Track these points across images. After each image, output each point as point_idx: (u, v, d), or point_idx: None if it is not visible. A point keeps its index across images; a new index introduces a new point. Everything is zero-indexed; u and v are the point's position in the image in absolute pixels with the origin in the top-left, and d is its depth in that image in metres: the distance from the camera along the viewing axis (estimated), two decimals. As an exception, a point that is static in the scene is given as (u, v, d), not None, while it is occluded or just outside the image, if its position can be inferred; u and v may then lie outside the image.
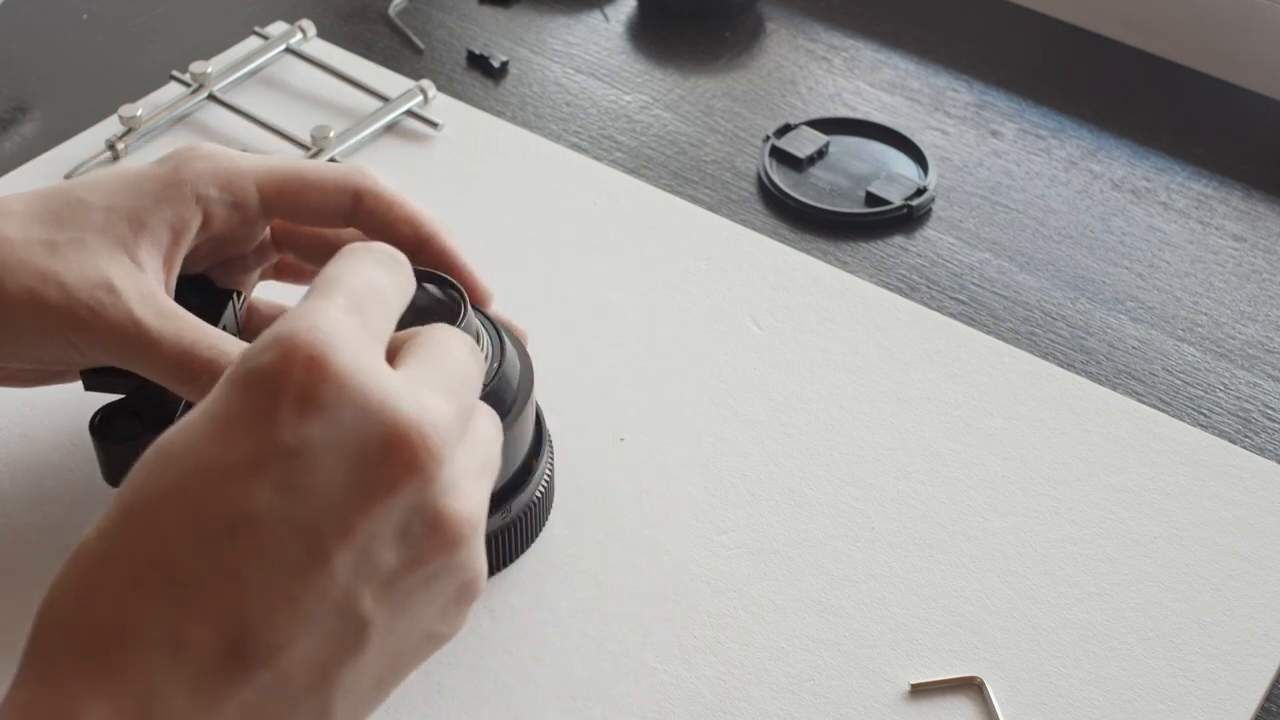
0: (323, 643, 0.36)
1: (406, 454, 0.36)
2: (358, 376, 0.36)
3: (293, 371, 0.36)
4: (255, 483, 0.35)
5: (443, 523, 0.38)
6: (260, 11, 0.87)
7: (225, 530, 0.35)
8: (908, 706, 0.54)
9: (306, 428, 0.36)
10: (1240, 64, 0.85)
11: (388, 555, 0.37)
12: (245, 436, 0.36)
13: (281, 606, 0.35)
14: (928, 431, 0.64)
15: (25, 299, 0.50)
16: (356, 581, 0.36)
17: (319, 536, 0.35)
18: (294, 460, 0.35)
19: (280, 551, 0.35)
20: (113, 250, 0.52)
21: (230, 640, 0.35)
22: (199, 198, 0.54)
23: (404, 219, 0.55)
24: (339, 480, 0.36)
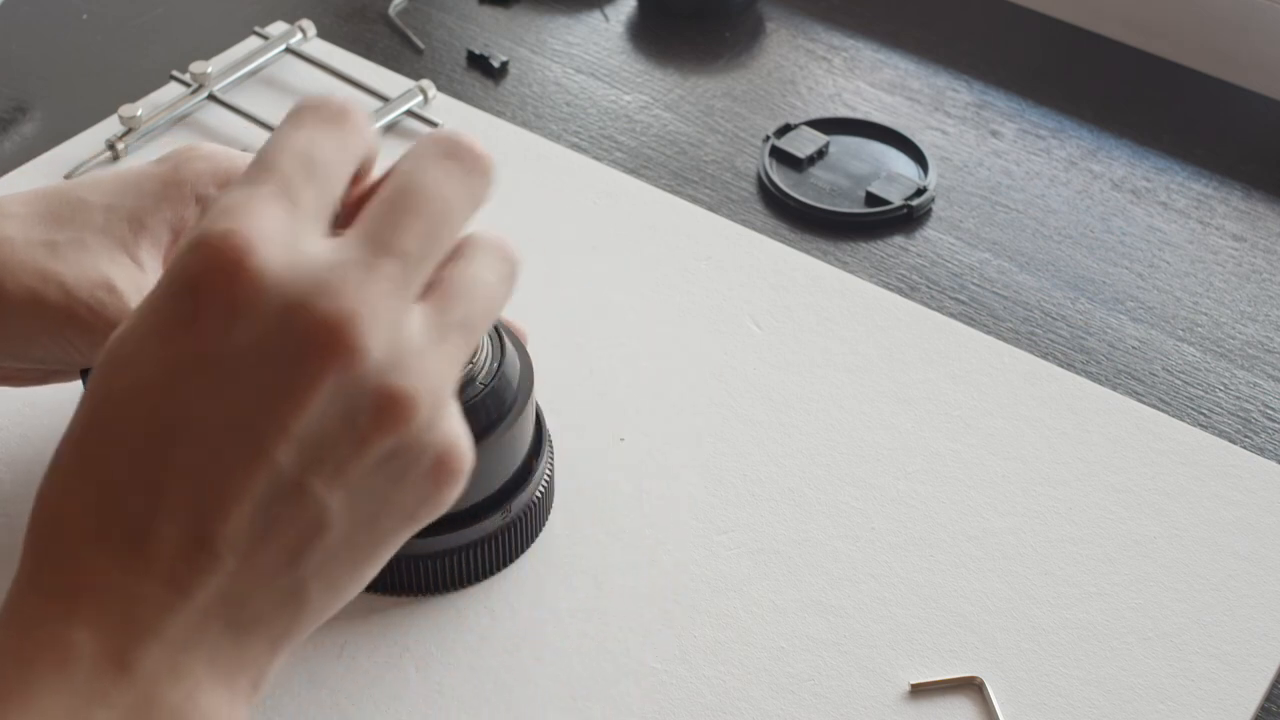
0: (282, 529, 0.37)
1: (322, 347, 0.37)
2: (274, 271, 0.37)
3: (214, 279, 0.37)
4: (189, 387, 0.37)
5: (384, 401, 0.37)
6: (260, 11, 0.87)
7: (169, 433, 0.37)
8: (908, 706, 0.54)
9: (230, 332, 0.37)
10: (1240, 64, 0.85)
11: (334, 442, 0.37)
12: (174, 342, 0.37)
13: (234, 499, 0.37)
14: (928, 431, 0.64)
15: (25, 299, 0.50)
16: (303, 471, 0.37)
17: (256, 432, 0.37)
18: (221, 365, 0.37)
19: (224, 449, 0.37)
20: (113, 250, 0.52)
21: (191, 535, 0.36)
22: (199, 197, 0.54)
23: None
24: (267, 380, 0.37)
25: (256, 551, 0.37)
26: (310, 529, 0.38)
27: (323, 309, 0.37)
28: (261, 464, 0.37)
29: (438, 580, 0.56)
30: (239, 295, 0.37)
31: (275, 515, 0.37)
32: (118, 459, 0.37)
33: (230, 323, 0.37)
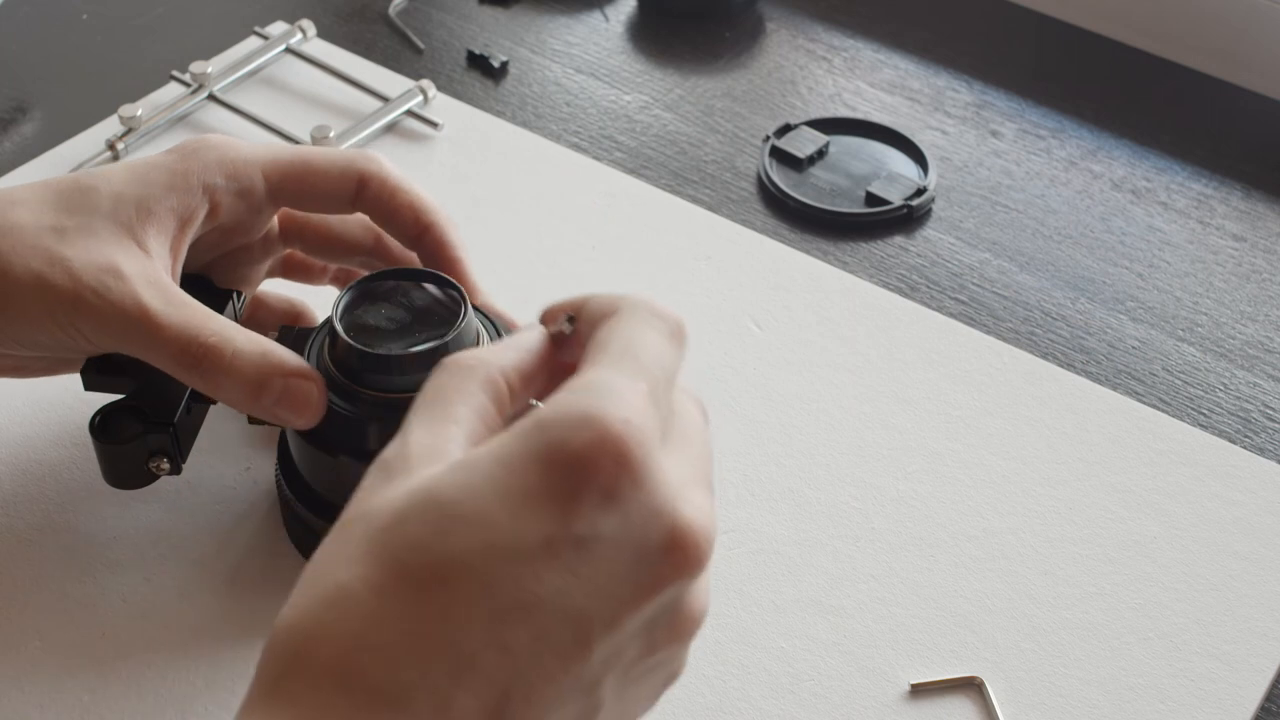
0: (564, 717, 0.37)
1: (680, 558, 0.37)
2: (654, 476, 0.37)
3: (603, 463, 0.36)
4: (546, 567, 0.36)
5: (686, 620, 0.39)
6: (260, 11, 0.87)
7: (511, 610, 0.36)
8: (908, 706, 0.54)
9: (602, 521, 0.36)
10: (1240, 64, 0.85)
11: (633, 645, 0.38)
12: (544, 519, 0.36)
13: (543, 686, 0.36)
14: (928, 431, 0.64)
15: (32, 283, 0.51)
16: (605, 669, 0.37)
17: (590, 625, 0.36)
18: (585, 550, 0.36)
19: (554, 635, 0.36)
20: (120, 236, 0.52)
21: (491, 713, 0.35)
22: (206, 186, 0.54)
23: (407, 205, 0.56)
24: (619, 574, 0.36)
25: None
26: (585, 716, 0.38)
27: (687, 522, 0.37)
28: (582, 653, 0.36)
29: (438, 580, 0.56)
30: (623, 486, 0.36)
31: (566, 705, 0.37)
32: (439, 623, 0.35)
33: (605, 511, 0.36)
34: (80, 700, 0.52)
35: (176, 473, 0.55)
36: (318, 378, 0.51)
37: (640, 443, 0.37)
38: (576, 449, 0.36)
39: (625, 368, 0.39)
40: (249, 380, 0.50)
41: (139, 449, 0.54)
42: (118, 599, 0.56)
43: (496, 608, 0.35)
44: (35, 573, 0.56)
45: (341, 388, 0.52)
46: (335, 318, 0.52)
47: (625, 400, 0.37)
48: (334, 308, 0.52)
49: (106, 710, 0.52)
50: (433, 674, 0.35)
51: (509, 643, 0.35)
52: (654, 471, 0.37)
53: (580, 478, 0.36)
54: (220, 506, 0.59)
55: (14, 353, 0.54)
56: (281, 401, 0.51)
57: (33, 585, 0.56)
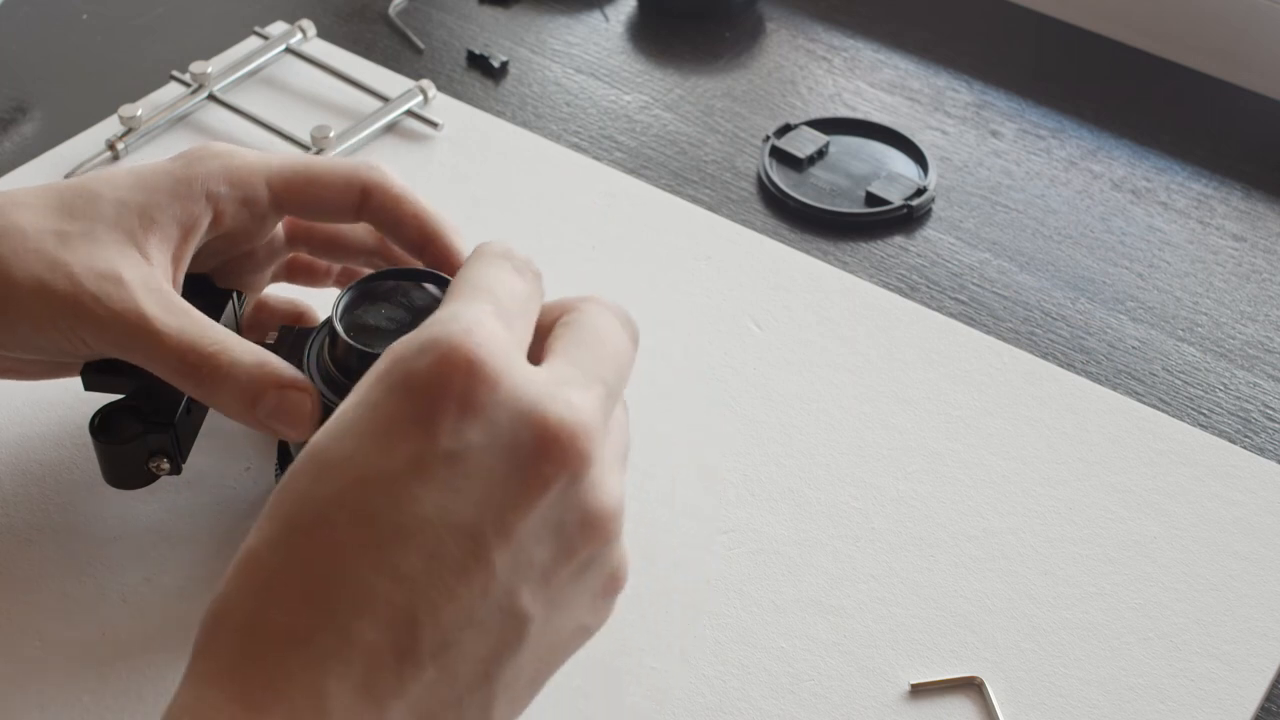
0: (485, 639, 0.37)
1: (556, 453, 0.38)
2: (510, 379, 0.38)
3: (453, 377, 0.37)
4: (420, 487, 0.37)
5: (592, 516, 0.39)
6: (260, 11, 0.87)
7: (394, 535, 0.36)
8: (908, 706, 0.54)
9: (466, 432, 0.37)
10: (1240, 64, 0.85)
11: (543, 551, 0.38)
12: (408, 442, 0.37)
13: (447, 605, 0.36)
14: (928, 431, 0.64)
15: (33, 287, 0.51)
16: (515, 578, 0.37)
17: (481, 536, 0.37)
18: (455, 464, 0.37)
19: (445, 553, 0.36)
20: (122, 243, 0.52)
21: (398, 641, 0.36)
22: (209, 194, 0.54)
23: (410, 214, 0.56)
24: (496, 480, 0.37)
25: (456, 661, 0.37)
26: (510, 640, 0.38)
27: (558, 415, 0.38)
28: (481, 567, 0.37)
29: (438, 580, 0.56)
30: (477, 396, 0.37)
31: (483, 623, 0.37)
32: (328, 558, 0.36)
33: (465, 422, 0.37)
34: (80, 700, 0.52)
35: (176, 473, 0.55)
36: (312, 390, 0.51)
37: (489, 351, 0.38)
38: (425, 370, 0.37)
39: (466, 297, 0.40)
40: (244, 391, 0.51)
41: (139, 449, 0.54)
42: (118, 599, 0.56)
43: (381, 537, 0.36)
44: (35, 573, 0.56)
45: (341, 388, 0.52)
46: (335, 318, 0.52)
47: (467, 318, 0.38)
48: (334, 308, 0.52)
49: (106, 710, 0.52)
50: (333, 612, 0.36)
51: (401, 568, 0.36)
52: (509, 374, 0.38)
53: (435, 395, 0.37)
54: (220, 506, 0.59)
55: (13, 355, 0.54)
56: (275, 413, 0.51)
57: (33, 585, 0.56)
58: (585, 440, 0.38)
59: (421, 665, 0.36)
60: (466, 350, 0.37)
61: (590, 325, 0.43)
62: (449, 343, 0.37)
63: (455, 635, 0.36)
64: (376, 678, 0.36)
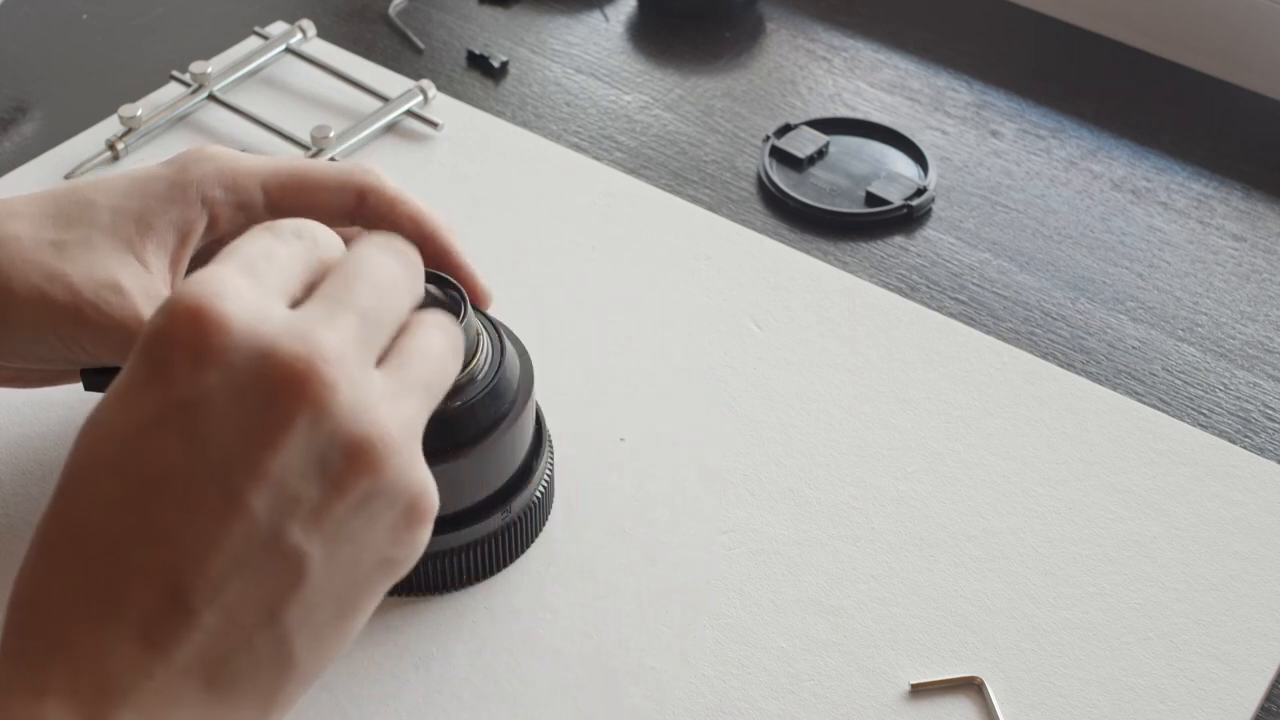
0: (261, 580, 0.37)
1: (295, 386, 0.37)
2: (241, 321, 0.38)
3: (182, 327, 0.37)
4: (162, 438, 0.37)
5: (355, 447, 0.38)
6: (260, 11, 0.87)
7: (143, 488, 0.37)
8: (908, 706, 0.54)
9: (201, 378, 0.37)
10: (1240, 64, 0.85)
11: (308, 487, 0.38)
12: (147, 396, 0.37)
13: (210, 551, 0.36)
14: (928, 431, 0.64)
15: (32, 297, 0.51)
16: (279, 517, 0.37)
17: (230, 479, 0.37)
18: (194, 410, 0.37)
19: (197, 499, 0.37)
20: (120, 251, 0.52)
21: (167, 592, 0.36)
22: (205, 199, 0.54)
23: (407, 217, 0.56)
24: (240, 423, 0.37)
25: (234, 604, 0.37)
26: (289, 578, 0.37)
27: (291, 349, 0.38)
28: (237, 510, 0.37)
29: (438, 580, 0.56)
30: (207, 341, 0.37)
31: (253, 565, 0.37)
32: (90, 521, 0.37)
33: (199, 369, 0.37)
34: (80, 700, 0.52)
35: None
36: None
37: (220, 296, 0.38)
38: (159, 325, 0.38)
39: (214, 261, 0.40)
40: None
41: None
42: (118, 599, 0.56)
43: (131, 493, 0.37)
44: (35, 573, 0.56)
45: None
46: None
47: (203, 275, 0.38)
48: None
49: (106, 710, 0.52)
50: (97, 576, 0.36)
51: (155, 520, 0.36)
52: (243, 316, 0.38)
53: (165, 348, 0.37)
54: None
55: (12, 365, 0.54)
56: None
57: (33, 585, 0.56)
58: (323, 370, 0.37)
59: (196, 612, 0.36)
60: (196, 300, 0.37)
61: (349, 261, 0.42)
62: (179, 296, 0.38)
63: (225, 580, 0.36)
64: (154, 630, 0.36)
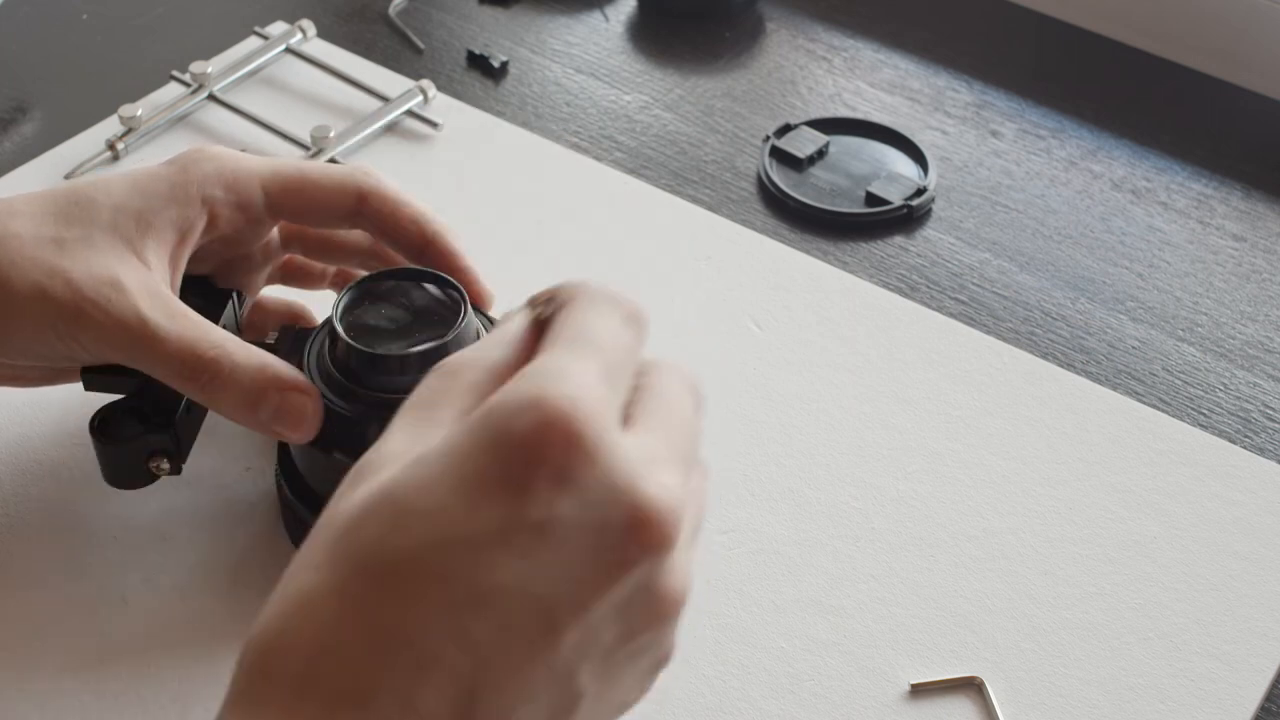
0: (540, 713, 0.36)
1: (645, 537, 0.36)
2: (609, 454, 0.36)
3: (552, 444, 0.35)
4: (503, 555, 0.35)
5: (662, 601, 0.38)
6: (260, 11, 0.87)
7: (469, 601, 0.35)
8: (908, 706, 0.54)
9: (558, 502, 0.35)
10: (1240, 64, 0.85)
11: (608, 630, 0.37)
12: (497, 506, 0.35)
13: (511, 679, 0.35)
14: (928, 431, 0.64)
15: (32, 295, 0.51)
16: (579, 657, 0.36)
17: (555, 611, 0.35)
18: (542, 535, 0.35)
19: (518, 625, 0.35)
20: (120, 249, 0.52)
21: (459, 709, 0.35)
22: (205, 198, 0.54)
23: (408, 219, 0.56)
24: (580, 557, 0.36)
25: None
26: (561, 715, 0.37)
27: (652, 498, 0.36)
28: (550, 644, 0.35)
29: (438, 580, 0.56)
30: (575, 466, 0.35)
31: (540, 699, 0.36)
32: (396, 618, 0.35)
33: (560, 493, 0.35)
34: (80, 700, 0.52)
35: (176, 473, 0.55)
36: (314, 392, 0.51)
37: (591, 421, 0.36)
38: (524, 432, 0.35)
39: (575, 350, 0.38)
40: (246, 394, 0.51)
41: (139, 449, 0.54)
42: (118, 599, 0.56)
43: (455, 600, 0.35)
44: (35, 573, 0.56)
45: (341, 388, 0.52)
46: (335, 318, 0.52)
47: (573, 381, 0.36)
48: (334, 308, 0.52)
49: (106, 710, 0.52)
50: (395, 673, 0.35)
51: (471, 635, 0.35)
52: (609, 448, 0.36)
53: (530, 461, 0.35)
54: (220, 506, 0.59)
55: (13, 363, 0.54)
56: (277, 416, 0.51)
57: (33, 585, 0.56)
58: (673, 525, 0.37)
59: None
60: (569, 417, 0.35)
61: (667, 393, 0.40)
62: (553, 406, 0.35)
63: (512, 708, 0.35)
64: None
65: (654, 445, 0.38)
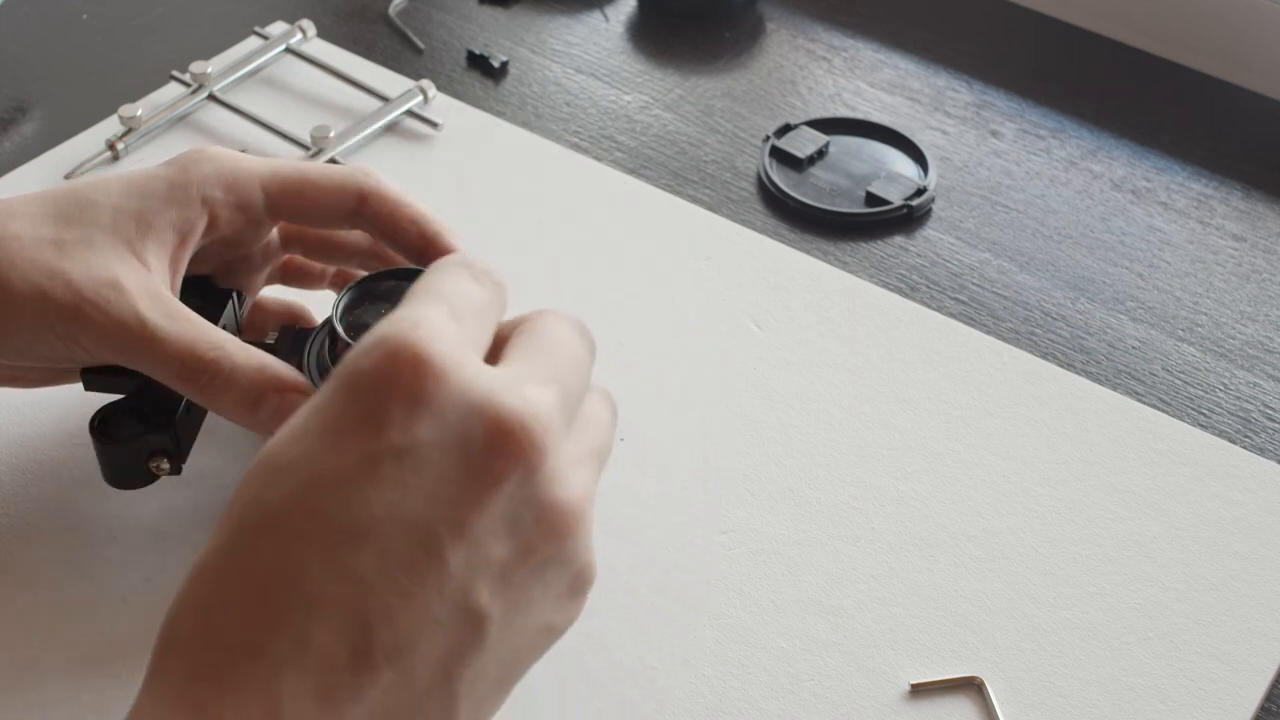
0: (443, 639, 0.36)
1: (510, 446, 0.37)
2: (460, 373, 0.37)
3: (400, 372, 0.37)
4: (371, 486, 0.36)
5: (550, 511, 0.38)
6: (260, 11, 0.87)
7: (346, 536, 0.36)
8: (908, 706, 0.54)
9: (415, 427, 0.36)
10: (1240, 64, 0.85)
11: (499, 547, 0.37)
12: (357, 440, 0.36)
13: (402, 605, 0.36)
14: (928, 431, 0.64)
15: (32, 296, 0.51)
16: (471, 575, 0.37)
17: (434, 532, 0.36)
18: (405, 459, 0.36)
19: (398, 551, 0.36)
20: (120, 250, 0.52)
21: (354, 643, 0.35)
22: (205, 199, 0.54)
23: (408, 219, 0.56)
24: (447, 475, 0.36)
25: (414, 663, 0.36)
26: (469, 639, 0.37)
27: (511, 407, 0.37)
28: (435, 565, 0.36)
29: (438, 580, 0.56)
30: (425, 390, 0.36)
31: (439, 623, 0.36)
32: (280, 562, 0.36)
33: (414, 418, 0.36)
34: (80, 700, 0.52)
35: (176, 473, 0.55)
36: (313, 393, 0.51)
37: (436, 343, 0.37)
38: (373, 367, 0.37)
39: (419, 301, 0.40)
40: (245, 394, 0.51)
41: (139, 449, 0.54)
42: (118, 599, 0.56)
43: (331, 538, 0.36)
44: (35, 573, 0.56)
45: (341, 388, 0.52)
46: (335, 318, 0.52)
47: (415, 317, 0.38)
48: (334, 308, 0.52)
49: (106, 710, 0.52)
50: (285, 617, 0.35)
51: (353, 568, 0.35)
52: (459, 367, 0.37)
53: (382, 392, 0.36)
54: (220, 506, 0.59)
55: (12, 364, 0.54)
56: (277, 416, 0.51)
57: (33, 585, 0.56)
58: (540, 433, 0.37)
59: (377, 667, 0.35)
60: (413, 345, 0.37)
61: (546, 331, 0.42)
62: (396, 339, 0.37)
63: (411, 636, 0.36)
64: (332, 682, 0.35)
65: (519, 368, 0.40)
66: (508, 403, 0.37)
